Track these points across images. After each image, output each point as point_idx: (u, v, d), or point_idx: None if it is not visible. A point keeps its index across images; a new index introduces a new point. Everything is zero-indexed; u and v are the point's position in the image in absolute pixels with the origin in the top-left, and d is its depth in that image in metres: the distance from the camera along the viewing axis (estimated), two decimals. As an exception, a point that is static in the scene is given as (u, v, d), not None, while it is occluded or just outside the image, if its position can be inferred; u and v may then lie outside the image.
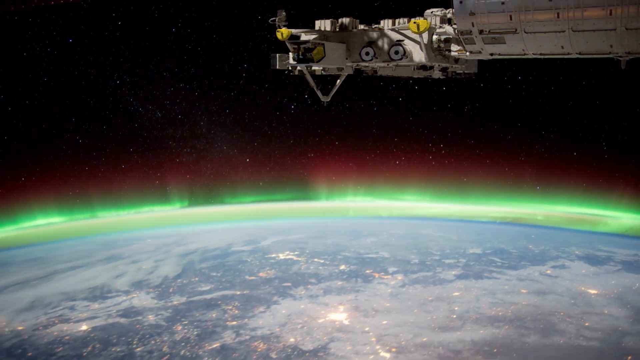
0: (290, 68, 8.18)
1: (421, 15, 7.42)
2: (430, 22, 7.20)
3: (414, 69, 7.73)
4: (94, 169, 45.85)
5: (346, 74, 8.33)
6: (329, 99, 8.46)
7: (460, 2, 6.58)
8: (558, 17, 6.26)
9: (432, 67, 7.62)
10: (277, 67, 8.12)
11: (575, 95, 42.97)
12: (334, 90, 8.52)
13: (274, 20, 7.58)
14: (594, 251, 38.69)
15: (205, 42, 43.36)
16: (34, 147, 42.43)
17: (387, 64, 7.77)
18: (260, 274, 31.77)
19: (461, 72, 8.05)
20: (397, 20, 7.48)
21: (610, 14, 5.96)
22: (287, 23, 7.63)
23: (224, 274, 31.91)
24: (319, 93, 8.50)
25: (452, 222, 51.30)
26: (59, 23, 39.35)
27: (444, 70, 7.87)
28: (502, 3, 6.42)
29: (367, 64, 7.83)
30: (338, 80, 8.47)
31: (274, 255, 36.15)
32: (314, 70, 8.29)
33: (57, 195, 45.15)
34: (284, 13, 7.56)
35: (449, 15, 7.26)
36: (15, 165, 42.15)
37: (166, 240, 42.52)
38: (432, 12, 7.39)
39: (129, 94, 44.63)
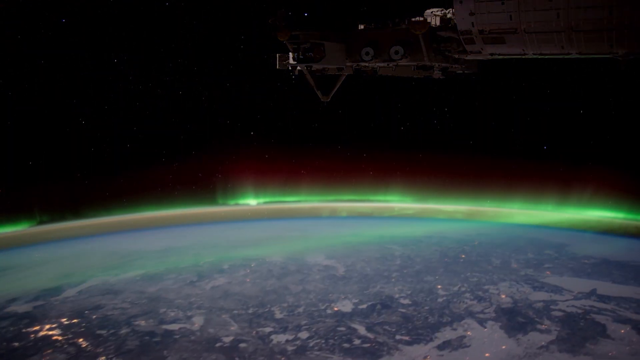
0: (290, 68, 8.15)
1: (421, 15, 7.44)
2: (430, 22, 7.23)
3: (414, 69, 7.76)
4: (99, 155, 44.54)
5: (346, 74, 8.32)
6: (329, 99, 8.46)
7: (460, 2, 6.62)
8: (558, 17, 6.33)
9: (432, 67, 7.65)
10: (277, 67, 8.11)
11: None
12: (334, 90, 8.51)
13: (274, 20, 7.54)
14: (533, 284, 27.41)
15: (201, 14, 42.49)
16: (37, 131, 41.37)
17: (387, 64, 7.78)
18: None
19: (461, 72, 8.10)
20: (397, 21, 7.50)
21: (610, 14, 6.04)
22: (286, 23, 7.59)
23: None
24: (319, 93, 8.48)
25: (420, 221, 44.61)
26: (51, 4, 38.30)
27: (444, 70, 7.91)
28: (502, 3, 6.47)
29: (367, 64, 7.83)
30: (338, 81, 8.47)
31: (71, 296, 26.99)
32: (314, 70, 8.27)
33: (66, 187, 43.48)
34: (284, 13, 7.52)
35: (449, 15, 7.29)
36: (20, 152, 41.20)
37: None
38: (432, 12, 7.41)
39: (128, 72, 43.55)
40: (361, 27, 7.80)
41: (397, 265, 32.17)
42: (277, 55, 8.16)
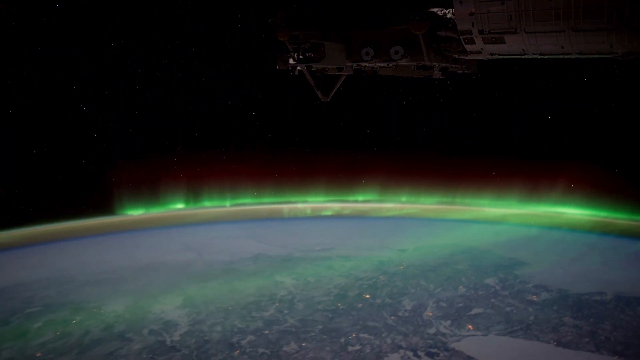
0: (290, 68, 8.16)
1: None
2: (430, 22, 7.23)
3: (414, 69, 7.76)
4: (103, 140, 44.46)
5: (346, 74, 8.32)
6: (329, 99, 8.46)
7: (460, 2, 6.63)
8: (558, 17, 6.33)
9: (432, 67, 7.65)
10: (277, 67, 8.12)
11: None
12: (334, 90, 8.51)
13: (274, 20, 7.54)
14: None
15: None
16: (39, 119, 41.29)
17: (387, 64, 7.78)
18: None
19: (461, 72, 8.10)
20: (397, 20, 7.49)
21: (610, 14, 6.04)
22: (286, 23, 7.58)
23: None
24: (319, 93, 8.48)
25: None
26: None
27: (444, 70, 7.90)
28: (502, 3, 6.48)
29: (367, 64, 7.83)
30: (338, 81, 8.47)
31: None
32: (314, 70, 8.27)
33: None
34: (284, 13, 7.52)
35: (449, 15, 7.29)
36: (25, 142, 41.19)
37: None
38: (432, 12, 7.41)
39: (126, 57, 43.34)
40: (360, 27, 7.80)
41: (264, 319, 23.48)
42: (277, 55, 8.17)
